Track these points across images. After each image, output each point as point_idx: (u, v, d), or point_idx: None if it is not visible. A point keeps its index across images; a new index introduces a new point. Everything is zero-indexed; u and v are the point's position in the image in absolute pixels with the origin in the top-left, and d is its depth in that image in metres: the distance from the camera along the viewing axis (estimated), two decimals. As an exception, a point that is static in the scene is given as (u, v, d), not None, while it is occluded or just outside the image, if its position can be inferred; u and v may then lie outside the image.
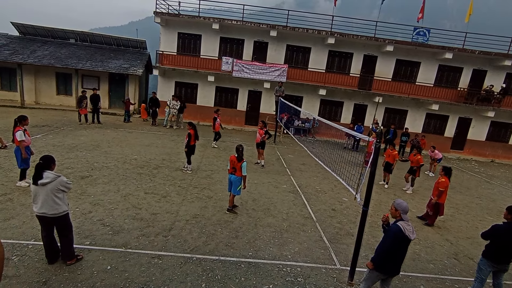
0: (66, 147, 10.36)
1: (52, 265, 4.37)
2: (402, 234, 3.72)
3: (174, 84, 19.24)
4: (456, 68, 19.12)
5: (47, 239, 4.34)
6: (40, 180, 4.09)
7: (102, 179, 7.89)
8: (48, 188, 4.11)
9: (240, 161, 6.56)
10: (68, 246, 4.43)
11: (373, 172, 4.37)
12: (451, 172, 7.56)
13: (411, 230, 3.79)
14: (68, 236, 4.42)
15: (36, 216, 4.27)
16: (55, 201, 4.16)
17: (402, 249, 3.83)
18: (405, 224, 3.79)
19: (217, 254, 5.15)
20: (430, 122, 19.92)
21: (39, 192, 4.12)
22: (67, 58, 18.51)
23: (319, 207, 7.92)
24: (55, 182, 4.16)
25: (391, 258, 3.85)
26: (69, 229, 4.45)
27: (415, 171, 10.20)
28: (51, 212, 4.16)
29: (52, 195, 4.14)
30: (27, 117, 6.97)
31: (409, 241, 3.78)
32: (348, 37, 18.01)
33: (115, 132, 13.69)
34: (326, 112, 19.76)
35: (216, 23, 17.65)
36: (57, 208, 4.19)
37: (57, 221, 4.26)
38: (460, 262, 6.02)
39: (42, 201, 4.12)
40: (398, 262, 3.89)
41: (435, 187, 7.52)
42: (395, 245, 3.78)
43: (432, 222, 7.60)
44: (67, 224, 4.40)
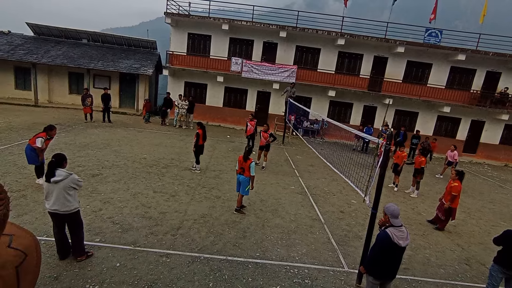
0: (78, 146, 10.54)
1: (63, 261, 4.45)
2: (390, 241, 3.55)
3: (184, 84, 19.38)
4: (469, 70, 18.77)
5: (59, 236, 4.42)
6: (52, 177, 4.18)
7: (112, 178, 8.00)
8: (60, 185, 4.20)
9: (246, 160, 6.57)
10: (79, 243, 4.50)
11: (383, 174, 4.33)
12: (464, 176, 7.40)
13: (404, 236, 3.61)
14: (79, 233, 4.50)
15: (48, 213, 4.35)
16: (67, 198, 4.25)
17: (392, 256, 3.67)
18: (395, 230, 3.61)
19: (225, 254, 5.16)
20: (441, 124, 19.59)
21: (52, 189, 4.21)
22: (80, 58, 18.82)
23: (328, 209, 7.87)
24: (67, 180, 4.24)
25: (381, 264, 3.73)
26: (80, 226, 4.53)
27: (418, 173, 10.01)
28: (62, 209, 4.24)
29: (64, 192, 4.22)
30: (55, 128, 7.16)
31: (400, 248, 3.61)
32: (358, 38, 17.86)
33: (125, 131, 13.86)
34: (335, 113, 19.63)
35: (225, 24, 17.72)
36: (69, 205, 4.28)
37: (69, 218, 4.34)
38: (471, 268, 5.91)
39: (54, 198, 4.20)
40: (390, 268, 3.75)
41: (447, 191, 7.35)
42: (383, 252, 3.65)
43: (442, 226, 7.46)
44: (78, 221, 4.48)
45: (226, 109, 19.60)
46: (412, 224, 7.64)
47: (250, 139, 12.47)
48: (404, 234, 3.64)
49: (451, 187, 7.19)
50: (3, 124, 12.38)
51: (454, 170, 7.43)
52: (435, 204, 9.49)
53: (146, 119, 16.95)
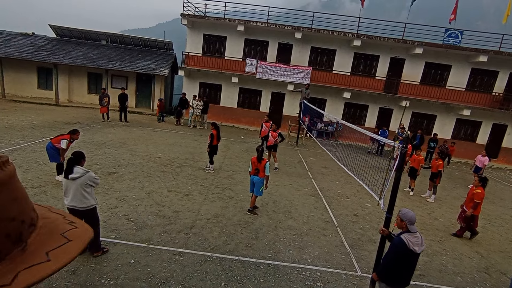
0: (95, 144, 10.81)
1: (80, 256, 4.58)
2: (406, 248, 3.46)
3: (199, 85, 19.58)
4: (491, 71, 18.17)
5: None
6: (71, 174, 4.32)
7: (127, 176, 8.16)
8: (78, 182, 4.33)
9: (261, 161, 6.58)
10: (95, 239, 4.62)
11: (398, 178, 4.24)
12: (487, 183, 7.11)
13: (419, 242, 3.53)
14: (95, 229, 4.61)
15: (67, 209, 4.49)
16: (84, 195, 4.38)
17: (408, 262, 3.57)
18: (410, 236, 3.53)
19: (237, 254, 5.18)
20: (460, 128, 19.04)
21: (70, 186, 4.35)
22: (99, 58, 19.33)
23: (341, 211, 7.78)
24: (84, 177, 4.38)
25: (395, 271, 3.63)
26: (96, 223, 4.65)
27: (436, 177, 9.74)
28: (80, 205, 4.37)
29: (81, 189, 4.36)
30: (78, 132, 7.39)
31: (416, 254, 3.52)
32: (374, 39, 17.60)
33: (141, 131, 14.12)
34: (350, 115, 19.39)
35: (241, 25, 17.81)
36: (86, 202, 4.41)
37: (86, 214, 4.45)
38: (491, 277, 5.71)
39: (72, 195, 4.34)
40: (405, 275, 3.65)
41: (468, 197, 7.05)
42: (398, 259, 3.56)
43: (461, 233, 7.20)
44: (94, 218, 4.60)
45: (240, 110, 19.68)
46: (428, 229, 7.45)
47: (265, 140, 12.47)
48: (419, 240, 3.55)
49: (473, 194, 6.86)
50: (26, 122, 12.85)
51: (477, 176, 7.12)
52: (452, 209, 9.25)
53: (159, 118, 17.21)
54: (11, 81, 19.18)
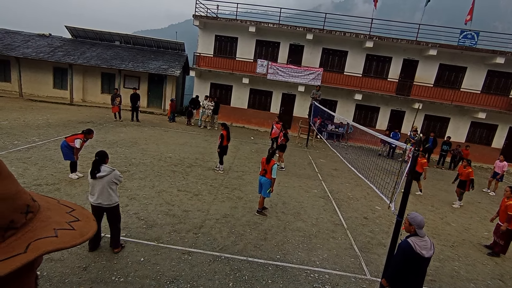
0: (108, 143, 11.00)
1: (91, 252, 4.67)
2: (413, 251, 3.39)
3: (210, 86, 19.71)
4: (508, 73, 17.71)
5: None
6: (98, 173, 4.49)
7: (138, 175, 8.28)
8: (104, 180, 4.52)
9: (269, 162, 6.57)
10: (117, 235, 4.78)
11: (410, 181, 4.18)
12: None
13: (428, 246, 3.44)
14: (118, 226, 4.78)
15: (91, 206, 4.62)
16: (110, 192, 4.57)
17: (415, 267, 3.46)
18: (417, 239, 3.45)
19: (245, 255, 5.19)
20: (475, 131, 18.60)
21: (97, 184, 4.52)
22: (112, 59, 19.68)
23: (351, 214, 7.70)
24: (111, 175, 4.57)
25: (403, 276, 3.53)
26: (119, 219, 4.82)
27: (464, 185, 9.44)
28: (106, 202, 4.54)
29: (108, 187, 4.54)
30: (93, 132, 7.56)
31: (424, 259, 3.42)
32: (387, 41, 17.37)
33: (152, 130, 14.30)
34: (361, 117, 19.19)
35: (252, 26, 17.86)
36: (111, 199, 4.59)
37: (110, 211, 4.64)
38: (506, 285, 5.55)
39: (99, 192, 4.51)
40: (414, 280, 3.53)
41: (501, 210, 6.59)
42: (405, 262, 3.46)
43: (500, 250, 6.52)
44: (118, 214, 4.78)
45: (250, 110, 19.72)
46: (440, 234, 7.31)
47: (275, 141, 12.47)
48: (428, 244, 3.47)
49: (506, 206, 6.39)
50: (41, 121, 13.18)
51: (508, 187, 6.64)
52: (466, 214, 9.06)
53: (170, 118, 17.38)
54: (28, 80, 19.72)
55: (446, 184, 12.36)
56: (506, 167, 11.85)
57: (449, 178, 13.55)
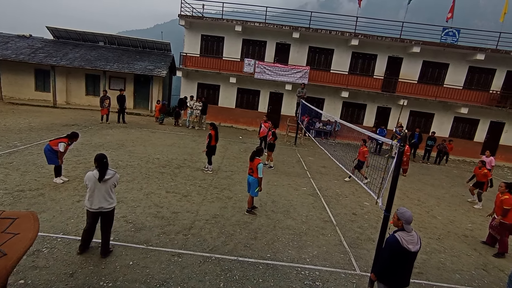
0: (93, 146, 10.79)
1: (78, 258, 4.57)
2: (399, 246, 3.46)
3: (197, 86, 19.58)
4: (489, 69, 18.22)
5: (89, 233, 4.64)
6: (105, 176, 4.48)
7: (126, 177, 8.15)
8: (108, 183, 4.50)
9: (253, 160, 6.59)
10: (108, 241, 4.73)
11: (396, 176, 4.25)
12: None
13: (414, 241, 3.51)
14: (110, 231, 4.73)
15: (90, 212, 4.52)
16: (111, 195, 4.57)
17: (402, 261, 3.54)
18: (404, 234, 3.51)
19: (236, 255, 5.18)
20: (458, 126, 19.08)
21: (100, 189, 4.45)
22: (96, 60, 19.30)
23: (339, 211, 7.79)
24: (114, 177, 4.61)
25: (391, 270, 3.59)
26: (112, 224, 4.78)
27: (481, 185, 9.62)
28: (107, 206, 4.51)
29: (109, 190, 4.54)
30: (78, 136, 7.39)
31: (411, 253, 3.48)
32: (372, 39, 17.62)
33: (139, 132, 14.10)
34: (348, 114, 19.41)
35: (239, 25, 17.82)
36: (112, 202, 4.58)
37: (107, 215, 4.58)
38: (489, 274, 5.72)
39: (101, 197, 4.45)
40: (402, 274, 3.60)
41: (497, 206, 6.70)
42: (393, 257, 3.53)
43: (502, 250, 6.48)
44: (112, 218, 4.74)
45: (238, 110, 19.69)
46: (427, 227, 7.47)
47: (263, 140, 12.49)
48: (414, 239, 3.53)
49: (501, 201, 6.52)
50: (23, 124, 12.82)
51: (503, 183, 6.80)
52: (451, 207, 9.29)
53: (160, 119, 17.15)
54: (8, 83, 19.16)
55: (432, 179, 12.65)
56: (493, 162, 12.08)
57: (434, 172, 13.89)
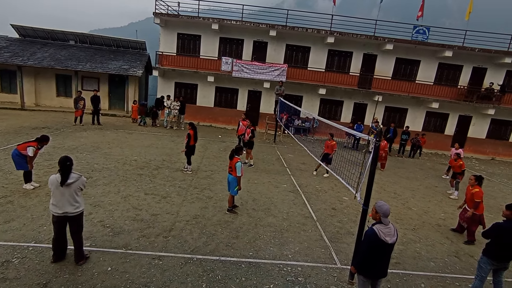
0: (66, 149, 10.37)
1: (53, 267, 4.38)
2: (377, 238, 3.57)
3: (174, 85, 19.25)
4: (456, 66, 19.08)
5: (59, 240, 4.44)
6: (68, 180, 4.26)
7: (102, 181, 7.90)
8: (73, 187, 4.30)
9: (232, 159, 6.58)
10: (80, 246, 4.54)
11: (373, 171, 4.37)
12: (483, 180, 6.99)
13: (391, 233, 3.63)
14: (81, 235, 4.54)
15: (55, 217, 4.32)
16: (76, 199, 4.36)
17: (380, 253, 3.65)
18: (381, 227, 3.63)
19: (218, 255, 5.15)
20: (430, 120, 19.89)
21: (63, 193, 4.26)
22: (67, 59, 18.53)
23: (320, 206, 7.91)
24: (79, 181, 4.40)
25: (370, 262, 3.71)
26: (82, 228, 4.58)
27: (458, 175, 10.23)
28: (73, 210, 4.32)
29: (74, 194, 4.34)
30: (48, 140, 7.11)
31: (388, 245, 3.60)
32: (347, 36, 17.98)
33: (115, 134, 13.70)
34: (326, 111, 19.75)
35: (215, 23, 17.66)
36: (78, 206, 4.39)
37: (76, 219, 4.40)
38: (460, 260, 6.02)
39: (65, 201, 4.26)
40: (380, 265, 3.73)
41: (468, 198, 6.98)
42: (371, 249, 3.65)
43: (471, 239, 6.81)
44: (81, 223, 4.55)
45: (217, 109, 19.54)
46: (403, 219, 7.74)
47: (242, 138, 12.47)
48: (391, 231, 3.65)
49: (472, 194, 6.79)
50: (-12, 128, 12.11)
51: (473, 176, 7.09)
52: (425, 198, 9.68)
53: (141, 121, 16.65)
54: (-30, 85, 18.03)
55: (407, 172, 13.12)
56: (462, 154, 12.65)
57: (409, 166, 14.40)
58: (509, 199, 10.66)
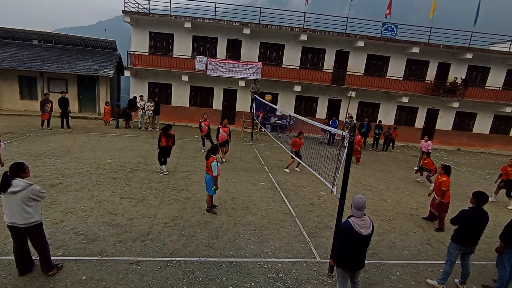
0: (33, 155, 9.85)
1: (22, 279, 4.15)
2: (352, 230, 3.67)
3: (147, 85, 18.77)
4: (423, 61, 19.94)
5: (20, 250, 4.17)
6: (9, 188, 3.91)
7: (74, 186, 7.57)
8: (19, 196, 3.94)
9: (208, 159, 6.55)
10: (46, 257, 4.27)
11: (348, 165, 4.48)
12: (450, 170, 7.34)
13: (366, 225, 3.73)
14: (44, 247, 4.26)
15: (7, 227, 4.08)
16: (26, 210, 3.99)
17: (356, 244, 3.76)
18: (357, 219, 3.73)
19: (198, 256, 5.09)
20: (401, 114, 20.67)
21: (9, 201, 3.95)
22: (30, 60, 17.57)
23: (298, 202, 8.02)
24: (26, 190, 3.98)
25: (346, 253, 3.81)
26: (44, 240, 4.28)
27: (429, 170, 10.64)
28: (21, 222, 3.99)
29: (23, 204, 3.97)
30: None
31: (363, 237, 3.70)
32: (320, 34, 18.29)
33: (86, 137, 13.17)
34: (301, 108, 20.01)
35: (188, 22, 17.37)
36: (28, 217, 4.01)
37: (29, 231, 4.08)
38: (432, 247, 6.31)
39: (13, 210, 3.95)
40: (357, 257, 3.83)
41: (436, 187, 7.37)
42: (346, 240, 3.76)
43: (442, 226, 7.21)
44: (40, 235, 4.22)
45: (192, 108, 19.27)
46: (378, 210, 8.00)
47: (207, 138, 12.49)
48: (367, 224, 3.75)
49: (440, 183, 7.15)
50: None
51: (440, 166, 7.44)
52: (398, 189, 10.06)
53: (116, 125, 16.09)
54: None
55: (381, 164, 13.57)
56: (431, 146, 13.26)
57: (383, 159, 14.90)
58: (474, 187, 11.32)
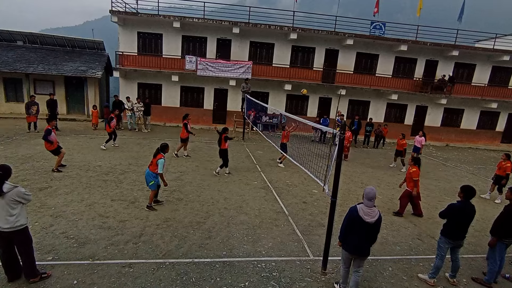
0: (20, 158, 9.66)
1: (10, 285, 4.07)
2: (357, 214, 4.05)
3: (137, 86, 18.57)
4: (411, 59, 20.22)
5: (6, 255, 4.08)
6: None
7: (63, 189, 7.45)
8: (4, 199, 3.85)
9: (156, 156, 6.63)
10: (30, 263, 4.16)
11: (339, 163, 4.51)
12: (419, 162, 7.79)
13: (372, 215, 4.03)
14: (29, 252, 4.15)
15: None
16: (11, 213, 3.89)
17: (357, 229, 4.11)
18: (364, 207, 4.07)
19: (191, 257, 5.07)
20: (391, 111, 20.93)
21: None
22: (15, 62, 17.19)
23: (291, 200, 8.05)
24: (11, 193, 3.89)
25: (348, 236, 4.22)
26: (29, 245, 4.17)
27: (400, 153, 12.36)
28: (5, 225, 3.88)
29: (8, 207, 3.87)
30: None
31: (365, 223, 4.01)
32: (309, 32, 18.36)
33: (75, 139, 12.96)
34: (292, 106, 20.08)
35: (177, 21, 17.23)
36: (13, 221, 3.91)
37: (14, 235, 3.97)
38: (423, 242, 6.42)
39: None
40: (357, 242, 4.15)
41: (407, 178, 7.73)
42: (349, 222, 4.18)
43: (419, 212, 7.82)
44: (26, 240, 4.11)
45: (183, 108, 19.07)
46: (369, 207, 8.08)
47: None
48: (373, 214, 4.05)
49: (410, 173, 7.58)
50: None
51: (410, 158, 7.88)
52: (389, 186, 10.19)
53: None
54: None
55: (372, 161, 13.72)
56: (424, 141, 13.49)
57: (374, 155, 15.08)
58: (463, 181, 11.54)
